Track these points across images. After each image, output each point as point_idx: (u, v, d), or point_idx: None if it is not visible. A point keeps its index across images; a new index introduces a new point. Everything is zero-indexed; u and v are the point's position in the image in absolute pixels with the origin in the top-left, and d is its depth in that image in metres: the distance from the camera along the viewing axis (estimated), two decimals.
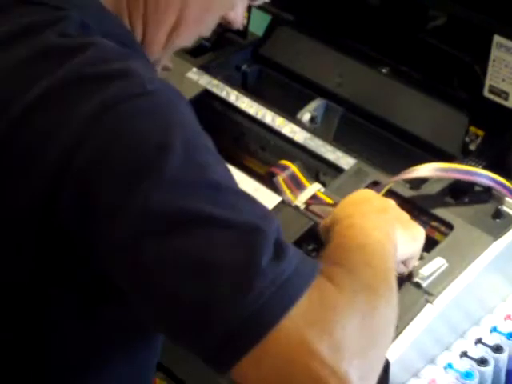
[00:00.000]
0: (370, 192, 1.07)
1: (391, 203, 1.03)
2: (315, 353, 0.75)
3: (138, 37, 0.94)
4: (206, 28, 0.98)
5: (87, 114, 0.78)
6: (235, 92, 1.36)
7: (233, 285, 0.75)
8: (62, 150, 0.78)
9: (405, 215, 1.03)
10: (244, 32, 1.49)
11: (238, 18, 1.00)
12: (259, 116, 1.32)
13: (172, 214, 0.77)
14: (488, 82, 1.17)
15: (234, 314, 0.75)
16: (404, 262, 1.03)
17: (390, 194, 1.17)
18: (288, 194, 1.17)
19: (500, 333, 1.09)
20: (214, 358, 0.77)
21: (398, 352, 1.00)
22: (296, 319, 0.76)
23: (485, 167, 1.19)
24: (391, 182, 1.15)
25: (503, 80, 1.15)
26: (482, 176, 1.12)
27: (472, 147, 1.22)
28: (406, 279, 1.05)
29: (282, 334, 0.75)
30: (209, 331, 0.76)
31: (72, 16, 0.86)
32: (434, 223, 1.14)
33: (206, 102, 1.37)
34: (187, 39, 0.98)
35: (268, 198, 1.17)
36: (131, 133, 0.78)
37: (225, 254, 0.76)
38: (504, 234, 1.11)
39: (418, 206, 1.15)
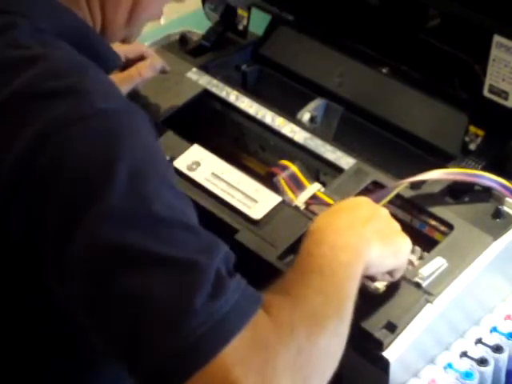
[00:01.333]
0: (362, 200, 1.03)
1: (381, 213, 1.00)
2: None
3: (98, 19, 0.93)
4: None
5: (37, 132, 0.78)
6: (235, 92, 1.36)
7: (164, 323, 0.76)
8: (14, 164, 0.78)
9: (392, 226, 1.00)
10: (244, 32, 1.49)
11: None
12: (259, 116, 1.32)
13: (109, 248, 0.77)
14: (488, 82, 1.17)
15: (163, 351, 0.75)
16: (389, 273, 1.01)
17: None
18: (288, 194, 1.17)
19: (500, 333, 1.09)
20: None
21: (397, 352, 1.00)
22: (226, 358, 0.76)
23: (485, 167, 1.19)
24: (399, 185, 1.14)
25: (503, 80, 1.15)
26: (491, 180, 1.12)
27: (472, 147, 1.22)
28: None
29: (210, 373, 0.75)
30: (140, 365, 0.76)
31: (19, 22, 0.84)
32: (434, 223, 1.14)
33: (206, 102, 1.37)
34: (154, 12, 0.98)
35: (268, 198, 1.17)
36: (77, 158, 0.78)
37: (159, 291, 0.76)
38: (504, 233, 1.11)
39: (418, 206, 1.15)
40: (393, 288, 1.04)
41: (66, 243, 0.77)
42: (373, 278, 1.01)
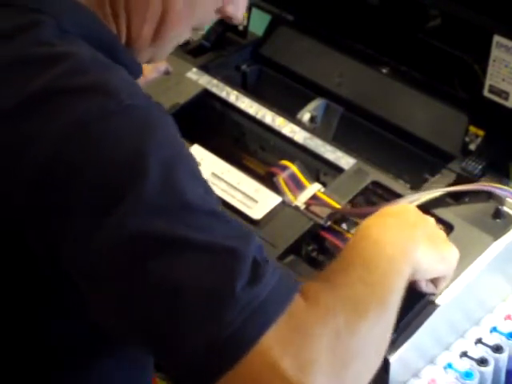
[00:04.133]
0: (410, 207, 1.03)
1: (428, 220, 1.00)
2: (283, 376, 0.76)
3: (123, 32, 0.92)
4: (199, 21, 0.96)
5: (61, 131, 0.78)
6: (235, 92, 1.36)
7: (205, 310, 0.75)
8: (36, 164, 0.78)
9: (440, 234, 1.00)
10: (244, 32, 1.49)
11: (237, 12, 0.97)
12: (259, 116, 1.32)
13: (146, 237, 0.76)
14: (488, 82, 1.17)
15: (205, 339, 0.75)
16: (433, 281, 1.01)
17: (390, 194, 1.18)
18: (288, 194, 1.17)
19: (500, 333, 1.09)
20: (188, 379, 0.77)
21: (397, 352, 1.00)
22: (264, 344, 0.76)
23: (485, 167, 1.19)
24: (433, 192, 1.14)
25: (503, 80, 1.15)
26: (498, 189, 1.13)
27: (472, 147, 1.22)
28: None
29: (250, 359, 0.75)
30: (181, 354, 0.76)
31: (47, 20, 0.83)
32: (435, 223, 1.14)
33: (205, 102, 1.37)
34: (180, 33, 0.96)
35: (268, 198, 1.17)
36: (105, 156, 0.77)
37: (198, 278, 0.76)
38: (504, 233, 1.11)
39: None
40: None
41: (97, 231, 0.76)
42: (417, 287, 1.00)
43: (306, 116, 1.35)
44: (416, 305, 1.03)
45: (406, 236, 0.93)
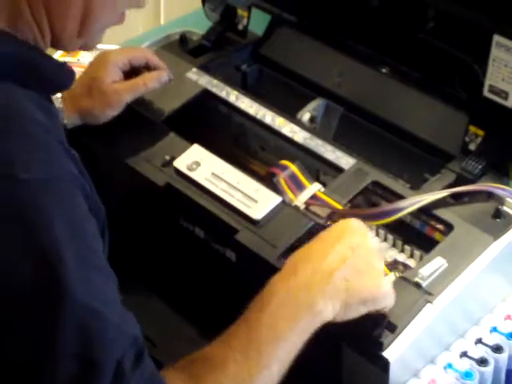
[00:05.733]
0: (348, 229, 0.99)
1: (361, 250, 0.96)
2: None
3: (47, 32, 0.89)
4: (126, 3, 0.93)
5: None
6: (235, 92, 1.36)
7: None
8: None
9: (370, 266, 0.97)
10: (244, 32, 1.49)
11: None
12: (259, 116, 1.32)
13: None
14: (488, 82, 1.17)
15: None
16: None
17: (390, 194, 1.18)
18: (288, 194, 1.17)
19: (500, 333, 1.09)
20: None
21: (397, 352, 1.00)
22: None
23: (485, 167, 1.19)
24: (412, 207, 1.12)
25: (503, 80, 1.15)
26: (498, 189, 1.13)
27: (472, 147, 1.22)
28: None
29: None
30: None
31: None
32: (434, 223, 1.14)
33: (205, 102, 1.37)
34: (109, 20, 0.93)
35: (268, 198, 1.17)
36: None
37: None
38: (504, 233, 1.11)
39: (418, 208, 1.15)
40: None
41: None
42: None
43: (305, 116, 1.35)
44: (415, 305, 1.03)
45: (313, 297, 0.93)
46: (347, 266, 0.95)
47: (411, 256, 1.15)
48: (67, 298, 0.77)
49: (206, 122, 1.38)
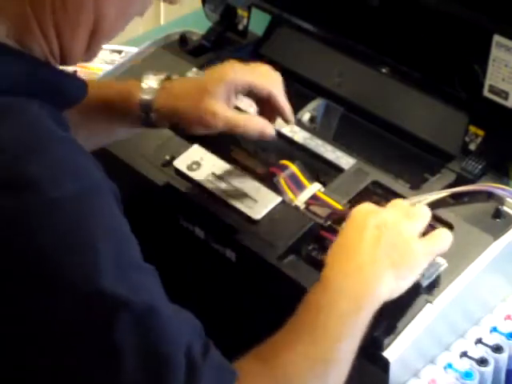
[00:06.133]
0: (366, 213, 1.02)
1: (388, 225, 1.00)
2: None
3: (55, 46, 0.87)
4: (134, 15, 0.91)
5: None
6: None
7: None
8: None
9: (403, 235, 1.00)
10: (244, 32, 1.48)
11: None
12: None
13: None
14: (488, 82, 1.17)
15: None
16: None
17: (390, 194, 1.18)
18: (288, 194, 1.17)
19: (500, 333, 1.09)
20: None
21: (397, 352, 1.00)
22: None
23: (485, 167, 1.19)
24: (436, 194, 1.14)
25: (503, 80, 1.15)
26: (498, 189, 1.13)
27: (472, 147, 1.22)
28: None
29: None
30: None
31: None
32: (434, 223, 1.14)
33: None
34: (116, 34, 0.91)
35: (268, 198, 1.17)
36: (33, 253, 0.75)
37: None
38: (504, 233, 1.11)
39: None
40: None
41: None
42: None
43: (305, 116, 1.35)
44: (415, 305, 1.03)
45: (365, 282, 0.95)
46: (384, 244, 0.98)
47: None
48: (121, 311, 0.77)
49: None
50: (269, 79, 1.15)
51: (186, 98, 1.12)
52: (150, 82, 1.15)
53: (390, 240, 0.99)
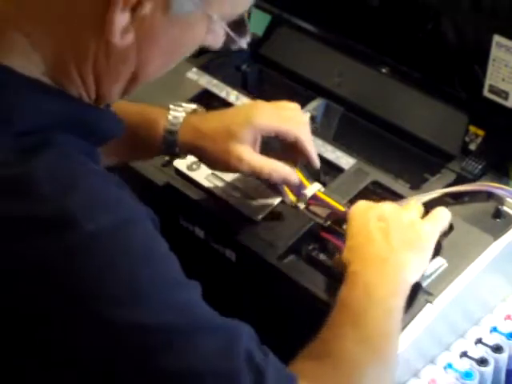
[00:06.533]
0: (366, 210, 1.06)
1: (389, 215, 1.04)
2: None
3: (92, 91, 0.85)
4: (174, 64, 0.89)
5: (20, 273, 0.74)
6: (235, 92, 1.36)
7: None
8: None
9: (405, 221, 1.04)
10: None
11: (217, 40, 0.89)
12: None
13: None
14: (488, 82, 1.17)
15: None
16: None
17: (390, 194, 1.18)
18: (288, 194, 1.17)
19: (500, 333, 1.09)
20: None
21: (397, 352, 1.00)
22: None
23: (485, 167, 1.19)
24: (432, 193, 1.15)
25: (503, 80, 1.15)
26: (498, 189, 1.13)
27: (472, 147, 1.22)
28: None
29: None
30: None
31: None
32: None
33: (205, 102, 1.37)
34: (155, 78, 0.90)
35: (268, 198, 1.17)
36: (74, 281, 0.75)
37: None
38: (504, 233, 1.11)
39: None
40: None
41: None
42: None
43: (306, 116, 1.35)
44: (415, 305, 1.03)
45: (392, 269, 0.99)
46: (393, 232, 1.02)
47: None
48: (172, 337, 0.77)
49: None
50: (295, 123, 1.13)
51: (213, 139, 1.11)
52: (177, 113, 1.14)
53: (396, 227, 1.03)
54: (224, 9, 0.84)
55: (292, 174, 1.13)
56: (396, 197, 1.16)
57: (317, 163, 1.15)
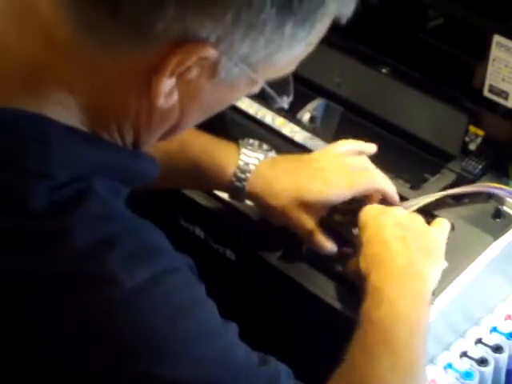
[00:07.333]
0: (378, 215, 1.04)
1: (406, 222, 1.03)
2: None
3: (129, 141, 0.83)
4: (213, 115, 0.89)
5: (63, 332, 0.73)
6: None
7: None
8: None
9: (420, 227, 1.04)
10: None
11: (255, 91, 0.87)
12: (259, 116, 1.32)
13: None
14: (488, 82, 1.17)
15: None
16: None
17: None
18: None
19: (500, 333, 1.09)
20: None
21: None
22: None
23: (485, 167, 1.19)
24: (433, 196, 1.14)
25: (503, 80, 1.15)
26: (498, 189, 1.13)
27: (472, 147, 1.22)
28: None
29: None
30: None
31: (34, 184, 0.73)
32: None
33: None
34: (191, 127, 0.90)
35: None
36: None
37: None
38: (504, 233, 1.11)
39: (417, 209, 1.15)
40: None
41: None
42: None
43: (305, 116, 1.35)
44: None
45: (414, 282, 0.98)
46: (411, 241, 1.01)
47: None
48: None
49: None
50: (369, 182, 1.12)
51: (282, 199, 1.09)
52: (248, 159, 1.11)
53: (414, 235, 1.02)
54: (269, 74, 0.86)
55: (329, 243, 1.10)
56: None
57: (397, 200, 1.13)
